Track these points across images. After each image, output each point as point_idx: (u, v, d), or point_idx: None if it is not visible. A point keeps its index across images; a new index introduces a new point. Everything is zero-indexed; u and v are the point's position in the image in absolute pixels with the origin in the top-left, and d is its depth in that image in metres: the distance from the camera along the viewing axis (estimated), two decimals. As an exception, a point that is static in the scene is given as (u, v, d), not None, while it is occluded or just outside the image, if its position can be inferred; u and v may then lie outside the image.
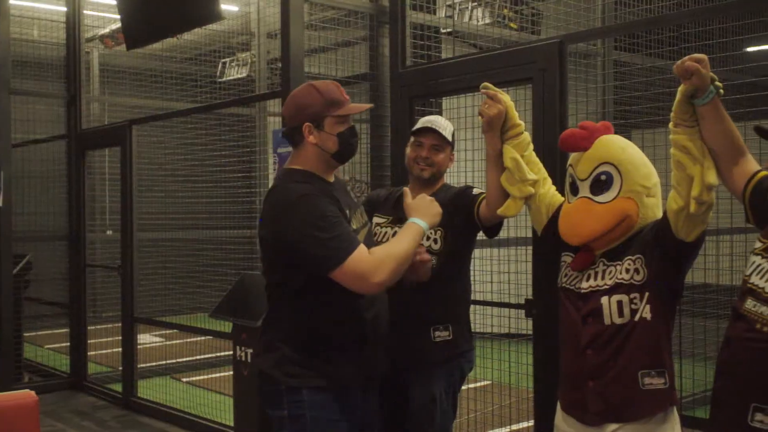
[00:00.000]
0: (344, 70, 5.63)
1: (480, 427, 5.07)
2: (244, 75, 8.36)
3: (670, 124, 2.48)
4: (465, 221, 3.32)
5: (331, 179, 2.87)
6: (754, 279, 2.30)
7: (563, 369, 2.77)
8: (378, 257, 2.60)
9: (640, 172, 2.62)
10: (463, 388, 3.66)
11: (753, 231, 5.98)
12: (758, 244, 2.38)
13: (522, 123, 2.97)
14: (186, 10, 5.57)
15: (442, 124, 3.43)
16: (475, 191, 3.33)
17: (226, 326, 5.58)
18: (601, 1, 6.13)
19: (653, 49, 6.57)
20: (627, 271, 2.56)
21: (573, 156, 2.76)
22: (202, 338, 7.88)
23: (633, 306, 2.54)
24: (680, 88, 2.45)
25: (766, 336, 2.21)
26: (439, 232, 3.31)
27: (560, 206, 2.82)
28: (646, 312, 2.53)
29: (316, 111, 2.72)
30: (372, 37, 5.09)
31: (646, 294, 2.53)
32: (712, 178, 2.38)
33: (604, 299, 2.56)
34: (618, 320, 2.55)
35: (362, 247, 2.61)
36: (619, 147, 2.66)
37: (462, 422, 4.84)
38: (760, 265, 2.32)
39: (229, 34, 8.86)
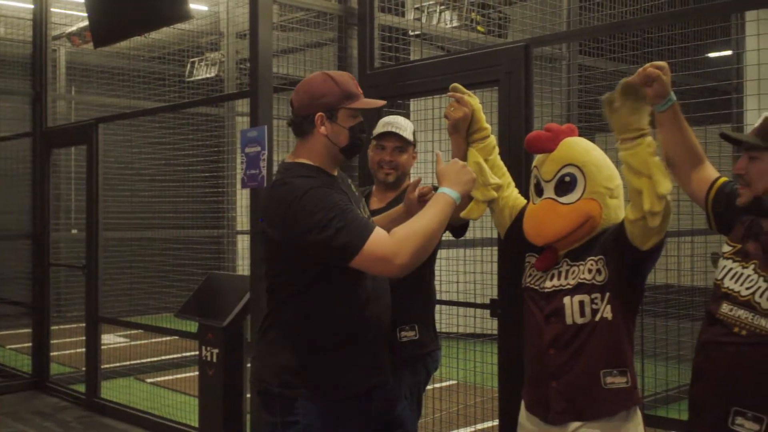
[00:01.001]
0: (313, 70, 5.63)
1: (445, 427, 5.10)
2: (213, 75, 8.34)
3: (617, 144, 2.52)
4: None
5: (335, 174, 2.78)
6: (729, 283, 2.34)
7: (527, 368, 2.81)
8: (399, 237, 2.48)
9: (603, 174, 2.66)
10: (429, 387, 3.68)
11: (713, 233, 6.08)
12: (727, 248, 2.42)
13: (488, 127, 2.96)
14: (155, 8, 5.54)
15: (402, 124, 3.44)
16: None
17: (192, 326, 5.57)
18: (567, 6, 6.22)
19: (617, 54, 6.67)
20: (589, 271, 2.60)
21: (538, 158, 2.79)
22: (168, 338, 7.84)
23: (594, 306, 2.57)
24: (604, 100, 2.48)
25: (744, 339, 2.25)
26: None
27: (523, 209, 2.85)
28: (607, 312, 2.56)
29: (330, 101, 2.62)
30: (341, 39, 5.11)
31: (607, 294, 2.57)
32: (663, 187, 2.39)
33: (567, 299, 2.60)
34: (579, 320, 2.58)
35: (379, 230, 2.51)
36: (583, 149, 2.70)
37: (427, 422, 4.87)
38: (732, 269, 2.35)
39: (198, 33, 8.83)
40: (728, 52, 7.21)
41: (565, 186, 2.66)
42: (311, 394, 2.63)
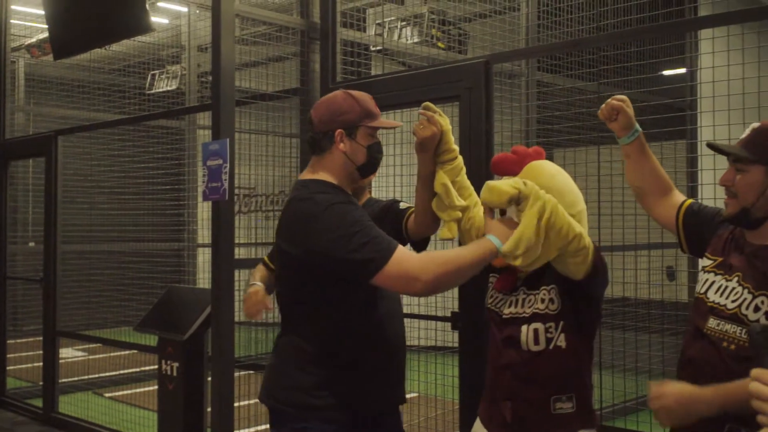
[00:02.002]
0: (275, 84, 5.66)
1: (406, 439, 5.12)
2: (173, 87, 8.32)
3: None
4: (392, 235, 3.35)
5: (350, 192, 2.76)
6: (714, 297, 2.34)
7: (486, 382, 2.85)
8: (427, 258, 2.47)
9: (565, 200, 2.65)
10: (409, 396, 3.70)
11: (669, 246, 6.21)
12: (708, 261, 2.44)
13: (456, 148, 2.94)
14: (116, 21, 5.53)
15: None
16: (402, 205, 3.33)
17: (152, 340, 5.53)
18: (525, 24, 6.32)
19: (574, 71, 6.80)
20: (542, 301, 2.63)
21: (504, 179, 2.82)
22: (126, 352, 7.77)
23: (548, 335, 2.61)
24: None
25: (733, 353, 2.24)
26: None
27: None
28: (561, 341, 2.61)
29: (351, 119, 2.63)
30: (303, 53, 5.14)
31: (561, 323, 2.61)
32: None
33: (524, 327, 2.64)
34: (534, 347, 2.62)
35: (402, 248, 2.50)
36: (548, 174, 2.70)
37: (388, 434, 4.88)
38: (714, 282, 2.37)
39: (158, 46, 8.80)
40: (682, 70, 7.37)
41: None
42: (324, 415, 2.59)
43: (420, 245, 3.36)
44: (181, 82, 8.37)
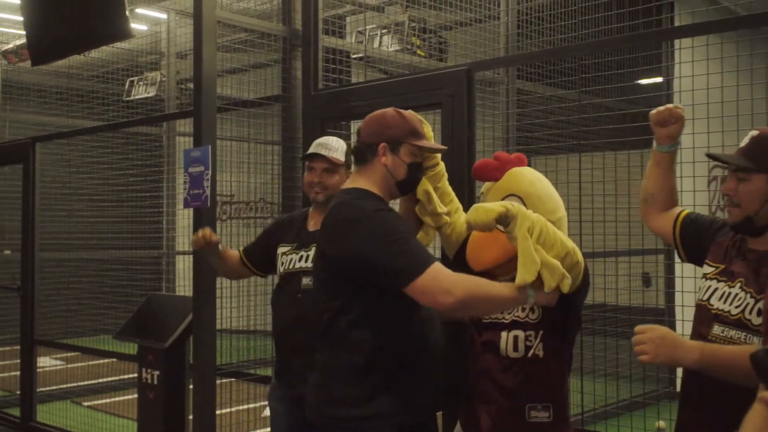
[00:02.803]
0: (257, 91, 5.67)
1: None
2: (152, 94, 8.28)
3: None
4: None
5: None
6: (717, 303, 2.36)
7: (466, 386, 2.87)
8: (462, 275, 2.52)
9: (546, 206, 2.70)
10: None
11: (649, 252, 6.25)
12: (709, 269, 2.46)
13: (438, 155, 3.02)
14: (95, 27, 5.49)
15: (332, 145, 3.47)
16: None
17: (131, 348, 5.50)
18: (505, 32, 6.37)
19: (552, 79, 6.86)
20: (523, 309, 2.66)
21: (485, 185, 2.85)
22: (105, 361, 7.71)
23: (528, 343, 2.64)
24: None
25: None
26: None
27: (469, 235, 2.91)
28: (539, 349, 2.64)
29: (396, 134, 2.68)
30: (285, 60, 5.14)
31: (540, 332, 2.64)
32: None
33: (503, 333, 2.67)
34: (513, 354, 2.65)
35: (439, 264, 2.53)
36: (528, 180, 2.75)
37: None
38: (717, 289, 2.39)
39: (137, 52, 8.77)
40: (659, 79, 7.45)
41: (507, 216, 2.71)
42: (377, 424, 2.60)
43: None
44: (160, 89, 8.34)
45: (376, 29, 6.24)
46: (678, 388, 2.57)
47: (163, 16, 8.51)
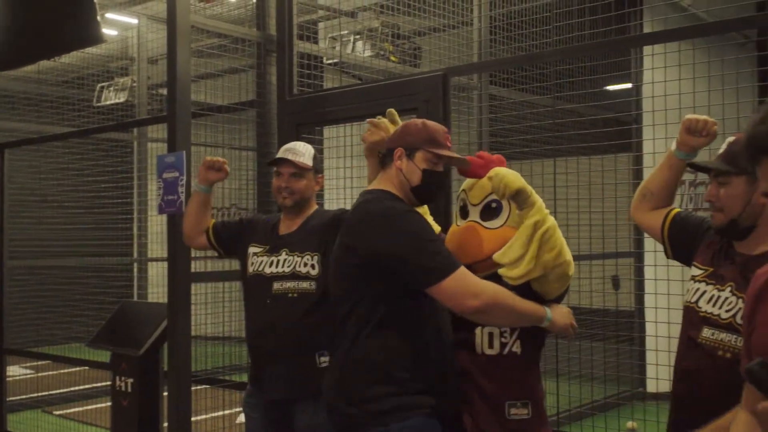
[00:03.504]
0: (231, 97, 5.65)
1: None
2: (122, 100, 8.22)
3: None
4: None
5: None
6: (706, 306, 2.39)
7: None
8: (488, 282, 2.56)
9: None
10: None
11: (624, 256, 6.32)
12: (697, 271, 2.50)
13: None
14: (65, 32, 5.43)
15: (300, 150, 3.48)
16: None
17: (103, 356, 5.44)
18: (478, 38, 6.42)
19: (524, 85, 6.93)
20: None
21: (467, 182, 2.88)
22: (76, 369, 7.62)
23: (503, 339, 2.66)
24: None
25: (728, 362, 2.28)
26: (316, 257, 3.35)
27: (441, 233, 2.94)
28: (516, 347, 2.66)
29: (413, 141, 2.74)
30: (259, 65, 5.14)
31: (517, 330, 2.66)
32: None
33: (478, 329, 2.68)
34: (488, 351, 2.67)
35: (464, 267, 2.57)
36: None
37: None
38: (706, 291, 2.42)
39: (107, 58, 8.70)
40: (628, 85, 7.55)
41: (491, 211, 2.75)
42: (404, 415, 2.59)
43: None
44: (131, 95, 8.28)
45: (349, 35, 6.26)
46: (648, 389, 2.61)
47: (134, 21, 8.45)
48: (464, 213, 2.84)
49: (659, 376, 4.38)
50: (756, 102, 5.48)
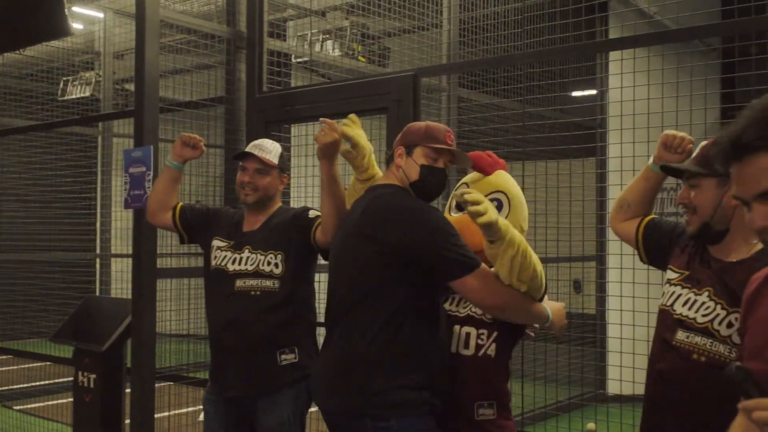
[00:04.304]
0: (200, 93, 5.62)
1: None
2: (87, 94, 8.12)
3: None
4: (303, 244, 3.37)
5: None
6: (681, 309, 2.41)
7: None
8: (504, 286, 2.58)
9: (523, 212, 2.84)
10: (315, 409, 3.69)
11: (589, 259, 6.38)
12: (673, 275, 2.52)
13: (378, 172, 3.09)
14: (33, 23, 5.38)
15: (267, 147, 3.48)
16: (312, 213, 3.39)
17: (66, 351, 5.39)
18: (447, 40, 6.46)
19: (492, 87, 6.99)
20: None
21: (471, 175, 2.91)
22: (39, 364, 7.53)
23: (479, 341, 2.67)
24: None
25: (703, 365, 2.31)
26: (279, 255, 3.35)
27: None
28: (491, 350, 2.67)
29: (412, 139, 2.78)
30: (229, 62, 5.12)
31: (495, 333, 2.67)
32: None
33: (456, 327, 2.70)
34: (463, 351, 2.68)
35: (485, 265, 2.59)
36: (513, 184, 2.87)
37: (311, 444, 4.89)
38: (681, 295, 2.44)
39: (72, 51, 8.59)
40: (593, 91, 7.65)
41: None
42: (405, 410, 2.59)
43: (328, 253, 3.40)
44: (95, 89, 8.19)
45: (318, 34, 6.26)
46: (611, 391, 2.65)
47: (100, 15, 8.36)
48: (459, 207, 2.84)
49: (623, 378, 4.45)
50: (719, 109, 5.58)
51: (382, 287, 2.63)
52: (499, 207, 2.77)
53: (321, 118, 3.10)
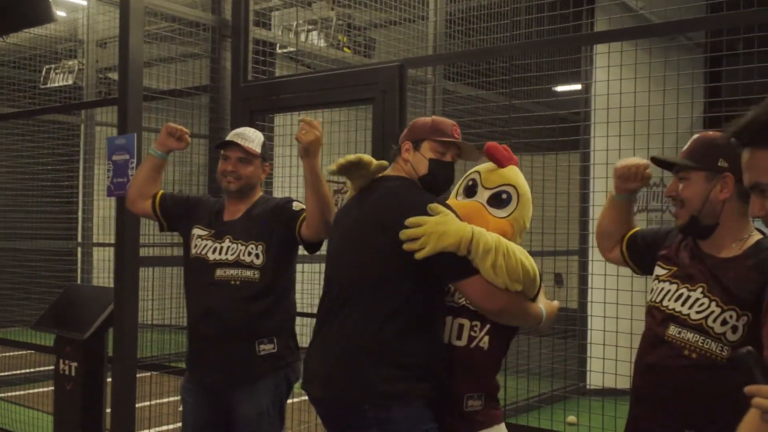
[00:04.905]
0: (185, 81, 5.59)
1: (311, 438, 5.14)
2: (70, 82, 8.05)
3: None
4: (285, 235, 3.37)
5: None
6: (674, 305, 2.42)
7: None
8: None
9: (529, 211, 2.83)
10: (295, 400, 3.69)
11: (573, 253, 6.39)
12: (661, 271, 2.53)
13: (373, 160, 3.07)
14: (16, 9, 5.32)
15: (249, 136, 3.48)
16: (296, 206, 3.38)
17: (47, 339, 5.36)
18: (433, 32, 6.46)
19: (476, 79, 6.99)
20: None
21: (484, 165, 2.89)
22: (20, 352, 7.48)
23: (472, 333, 2.67)
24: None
25: (694, 362, 2.32)
26: (260, 246, 3.35)
27: None
28: (483, 342, 2.66)
29: (419, 133, 2.79)
30: (214, 50, 5.08)
31: (488, 326, 2.67)
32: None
33: (448, 318, 2.70)
34: (456, 342, 2.68)
35: None
36: (524, 181, 2.86)
37: (293, 433, 4.90)
38: (670, 291, 2.45)
39: (54, 39, 8.51)
40: (578, 86, 7.66)
41: (499, 201, 2.77)
42: (407, 401, 2.59)
43: (313, 247, 3.41)
44: (78, 77, 8.12)
45: (304, 24, 6.24)
46: (592, 383, 2.67)
47: (83, 2, 8.28)
48: (471, 192, 2.84)
49: (605, 370, 4.47)
50: (705, 103, 5.61)
51: (388, 278, 2.62)
52: (508, 200, 2.77)
53: (300, 119, 3.11)
